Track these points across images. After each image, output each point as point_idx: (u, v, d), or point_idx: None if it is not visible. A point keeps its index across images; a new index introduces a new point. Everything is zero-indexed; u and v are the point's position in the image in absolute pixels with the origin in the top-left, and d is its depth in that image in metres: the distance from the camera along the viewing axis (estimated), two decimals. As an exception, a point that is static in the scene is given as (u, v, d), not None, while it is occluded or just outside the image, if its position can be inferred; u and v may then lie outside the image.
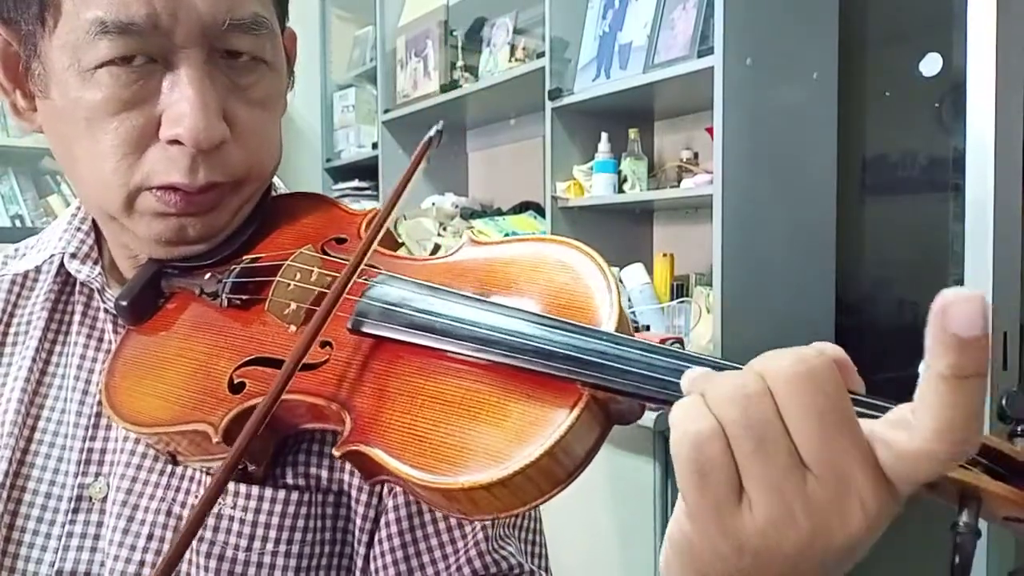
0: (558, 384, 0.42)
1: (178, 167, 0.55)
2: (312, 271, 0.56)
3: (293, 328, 0.54)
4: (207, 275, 0.60)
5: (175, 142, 0.55)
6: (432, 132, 0.54)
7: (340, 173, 3.62)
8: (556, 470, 0.41)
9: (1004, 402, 0.35)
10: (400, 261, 0.56)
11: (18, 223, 3.07)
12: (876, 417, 0.34)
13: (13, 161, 2.96)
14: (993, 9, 1.42)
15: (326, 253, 0.59)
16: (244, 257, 0.61)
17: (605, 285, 0.46)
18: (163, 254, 0.61)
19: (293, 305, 0.54)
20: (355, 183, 3.46)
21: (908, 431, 0.32)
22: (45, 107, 0.59)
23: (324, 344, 0.52)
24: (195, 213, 0.58)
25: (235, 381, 0.54)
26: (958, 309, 0.30)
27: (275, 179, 0.70)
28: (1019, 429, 0.35)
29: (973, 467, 0.34)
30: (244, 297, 0.58)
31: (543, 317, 0.44)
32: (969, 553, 0.32)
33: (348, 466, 0.58)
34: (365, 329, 0.50)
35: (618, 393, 0.40)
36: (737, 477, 0.34)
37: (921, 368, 0.31)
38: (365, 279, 0.53)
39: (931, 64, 1.94)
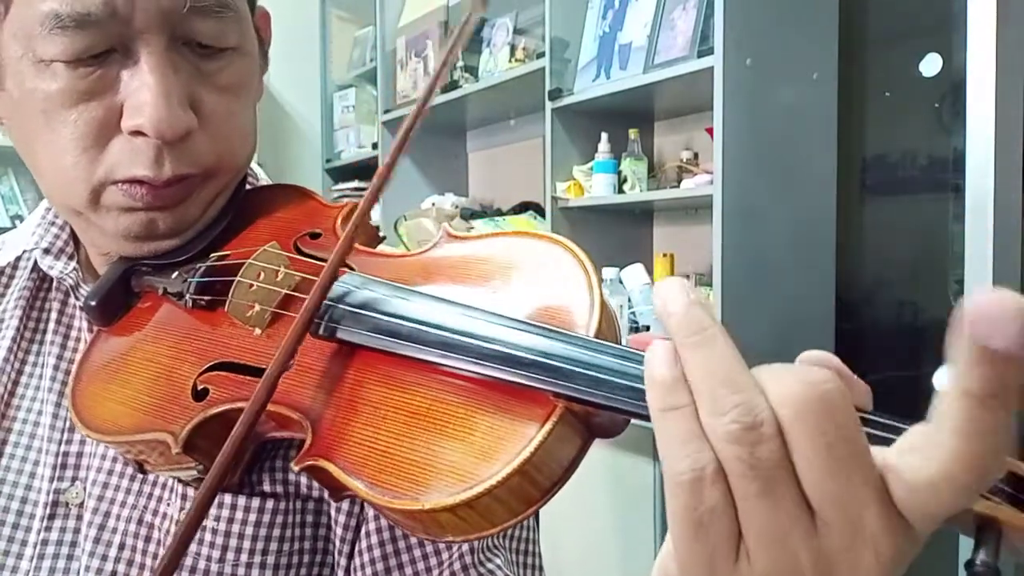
0: (530, 395, 0.38)
1: (142, 160, 0.52)
2: (278, 271, 0.52)
3: (258, 331, 0.52)
4: (175, 274, 0.57)
5: (138, 133, 0.51)
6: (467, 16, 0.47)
7: (340, 173, 3.62)
8: (528, 489, 0.37)
9: None
10: (373, 258, 0.53)
11: (18, 223, 3.05)
12: (888, 442, 0.30)
13: (13, 161, 2.96)
14: (993, 9, 1.41)
15: (299, 249, 0.56)
16: (212, 255, 0.57)
17: (586, 284, 0.41)
18: (133, 251, 0.57)
19: (256, 307, 0.52)
20: (355, 183, 3.45)
21: (923, 456, 0.27)
22: (2, 99, 0.55)
23: None
24: (164, 207, 0.54)
25: (198, 387, 0.51)
26: (997, 321, 0.24)
27: (257, 169, 0.67)
28: None
29: (993, 495, 0.29)
30: (208, 298, 0.55)
31: (513, 320, 0.40)
32: None
33: None
34: (331, 334, 0.47)
35: (592, 406, 0.36)
36: (737, 524, 0.29)
37: (940, 382, 0.27)
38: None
39: (931, 64, 1.94)
